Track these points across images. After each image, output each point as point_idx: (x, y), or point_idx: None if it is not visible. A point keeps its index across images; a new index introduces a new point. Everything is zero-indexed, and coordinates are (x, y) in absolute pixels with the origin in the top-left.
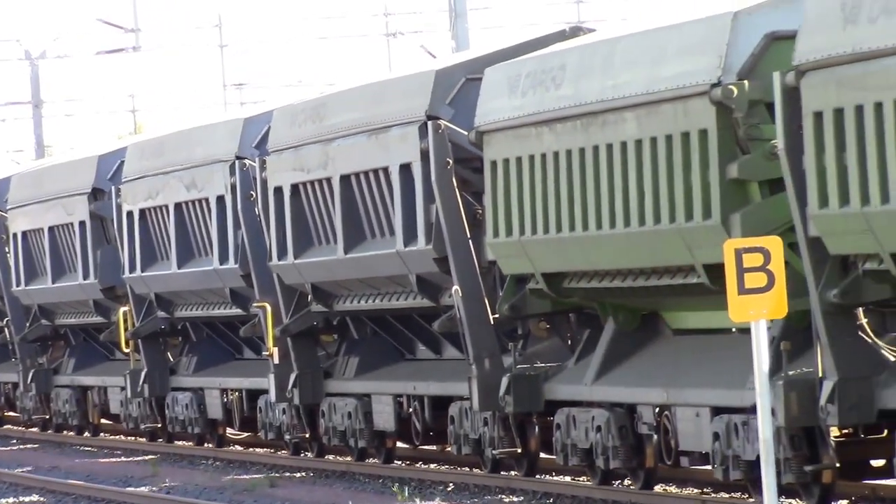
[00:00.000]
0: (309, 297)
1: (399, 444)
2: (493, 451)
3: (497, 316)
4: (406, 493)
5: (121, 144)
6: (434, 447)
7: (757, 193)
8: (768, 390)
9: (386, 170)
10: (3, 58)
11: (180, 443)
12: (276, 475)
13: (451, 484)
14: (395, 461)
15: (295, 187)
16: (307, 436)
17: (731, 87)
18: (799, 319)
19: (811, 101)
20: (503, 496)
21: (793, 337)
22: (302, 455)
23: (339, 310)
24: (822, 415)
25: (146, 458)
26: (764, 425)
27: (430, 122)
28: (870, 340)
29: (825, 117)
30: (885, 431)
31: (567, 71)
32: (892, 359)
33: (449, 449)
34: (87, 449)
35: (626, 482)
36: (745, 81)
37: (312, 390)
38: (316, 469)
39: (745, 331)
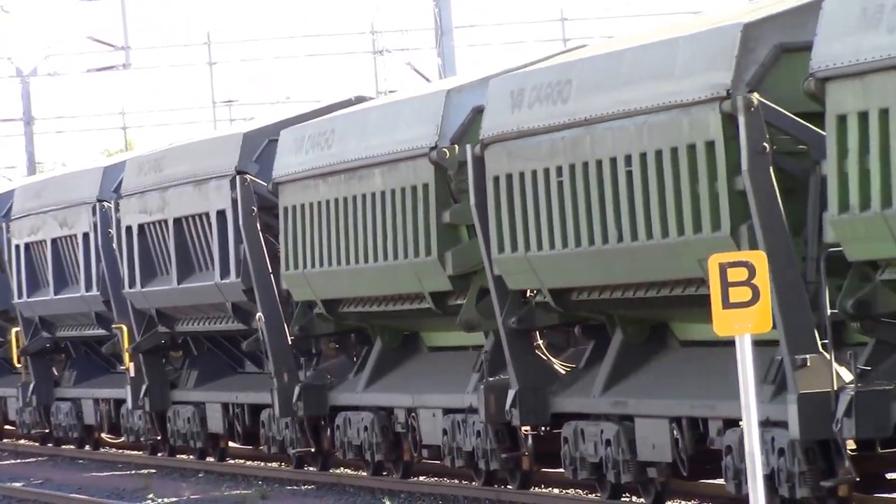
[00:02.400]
0: (155, 319)
1: (237, 444)
2: (292, 450)
3: (293, 337)
4: None
5: (14, 184)
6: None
7: (465, 235)
8: (755, 404)
9: (207, 215)
10: None
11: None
12: (268, 488)
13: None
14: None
15: (141, 227)
16: (159, 438)
17: (444, 150)
18: None
19: (492, 167)
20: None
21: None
22: (306, 468)
23: (179, 330)
24: (507, 416)
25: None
26: (751, 439)
27: (238, 177)
28: (544, 357)
29: (500, 181)
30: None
31: (335, 134)
32: (563, 372)
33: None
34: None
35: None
36: (456, 146)
37: (161, 399)
38: (309, 481)
39: (477, 347)
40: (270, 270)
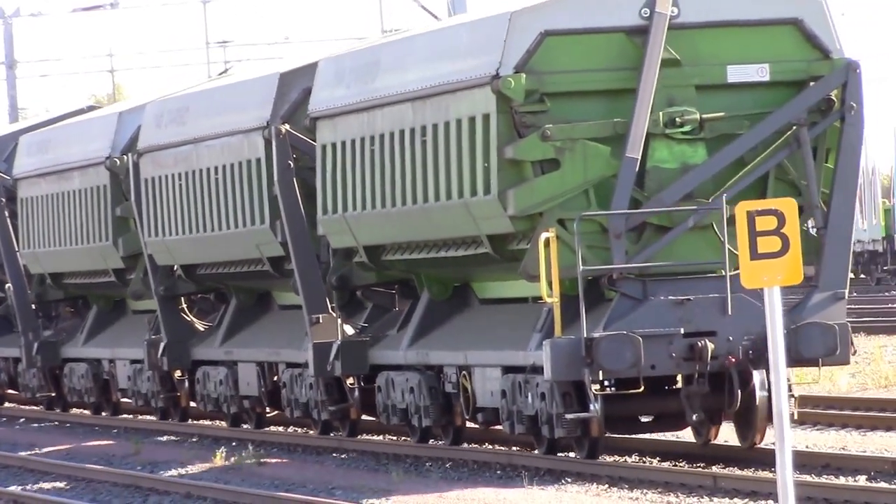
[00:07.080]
0: None
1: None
2: (39, 395)
3: (34, 303)
4: (401, 473)
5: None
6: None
7: (133, 226)
8: (783, 360)
9: None
10: None
11: None
12: (263, 452)
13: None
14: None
15: None
16: None
17: (115, 159)
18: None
19: (144, 172)
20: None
21: None
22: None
23: None
24: (160, 363)
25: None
26: (778, 397)
27: None
28: (187, 318)
29: (149, 183)
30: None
31: (52, 142)
32: (202, 329)
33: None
34: None
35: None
36: (125, 156)
37: None
38: (307, 446)
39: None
40: (17, 249)
